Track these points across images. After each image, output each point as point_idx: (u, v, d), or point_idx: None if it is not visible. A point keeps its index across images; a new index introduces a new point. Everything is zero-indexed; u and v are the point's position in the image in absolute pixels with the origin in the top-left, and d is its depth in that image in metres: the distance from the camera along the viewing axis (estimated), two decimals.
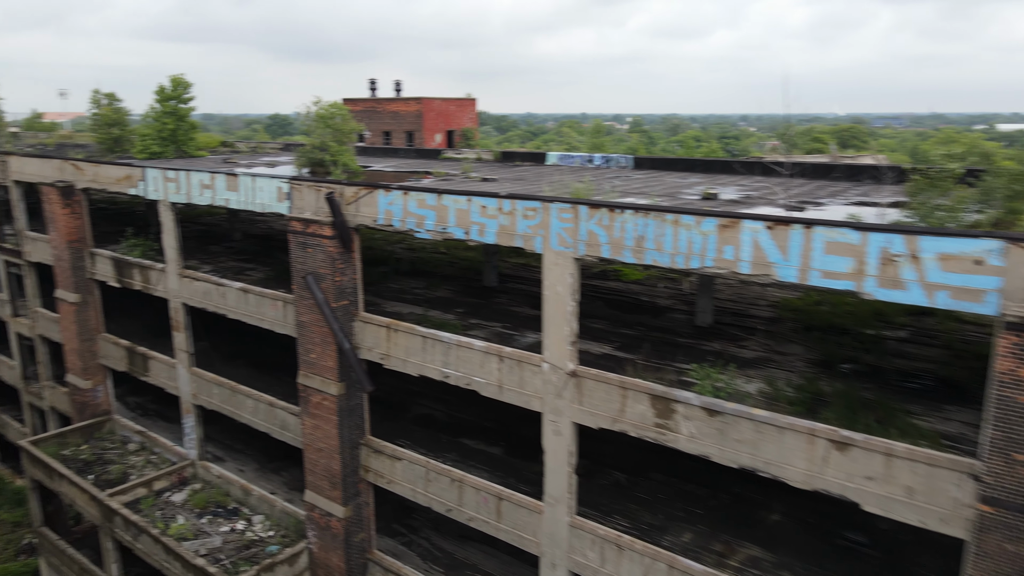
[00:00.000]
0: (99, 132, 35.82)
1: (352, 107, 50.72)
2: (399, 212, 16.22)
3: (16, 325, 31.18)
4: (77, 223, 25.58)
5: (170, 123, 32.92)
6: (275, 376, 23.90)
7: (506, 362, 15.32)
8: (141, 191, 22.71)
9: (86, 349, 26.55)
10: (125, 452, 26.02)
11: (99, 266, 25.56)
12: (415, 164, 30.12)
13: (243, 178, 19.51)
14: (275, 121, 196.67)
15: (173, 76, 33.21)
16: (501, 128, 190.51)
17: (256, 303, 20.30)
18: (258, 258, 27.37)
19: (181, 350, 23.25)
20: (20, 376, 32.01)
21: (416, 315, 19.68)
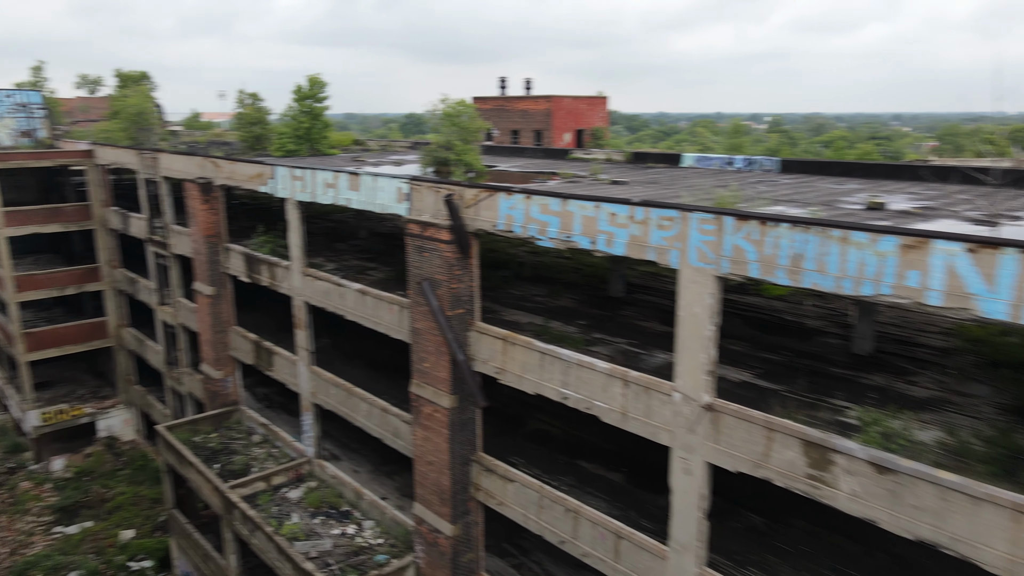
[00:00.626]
0: (242, 130, 37.30)
1: (481, 105, 50.52)
2: (520, 217, 15.03)
3: (162, 313, 32.93)
4: (214, 218, 26.40)
5: (305, 121, 33.64)
6: (392, 379, 23.50)
7: (631, 387, 13.75)
8: (271, 189, 22.94)
9: (218, 340, 27.43)
10: (249, 443, 26.62)
11: (232, 261, 26.26)
12: (542, 164, 28.97)
13: (364, 177, 19.05)
14: (410, 120, 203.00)
15: (311, 76, 33.94)
16: (632, 128, 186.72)
17: (373, 306, 19.84)
18: (381, 257, 27.20)
19: (302, 348, 23.33)
20: (164, 361, 33.84)
21: (536, 326, 18.47)
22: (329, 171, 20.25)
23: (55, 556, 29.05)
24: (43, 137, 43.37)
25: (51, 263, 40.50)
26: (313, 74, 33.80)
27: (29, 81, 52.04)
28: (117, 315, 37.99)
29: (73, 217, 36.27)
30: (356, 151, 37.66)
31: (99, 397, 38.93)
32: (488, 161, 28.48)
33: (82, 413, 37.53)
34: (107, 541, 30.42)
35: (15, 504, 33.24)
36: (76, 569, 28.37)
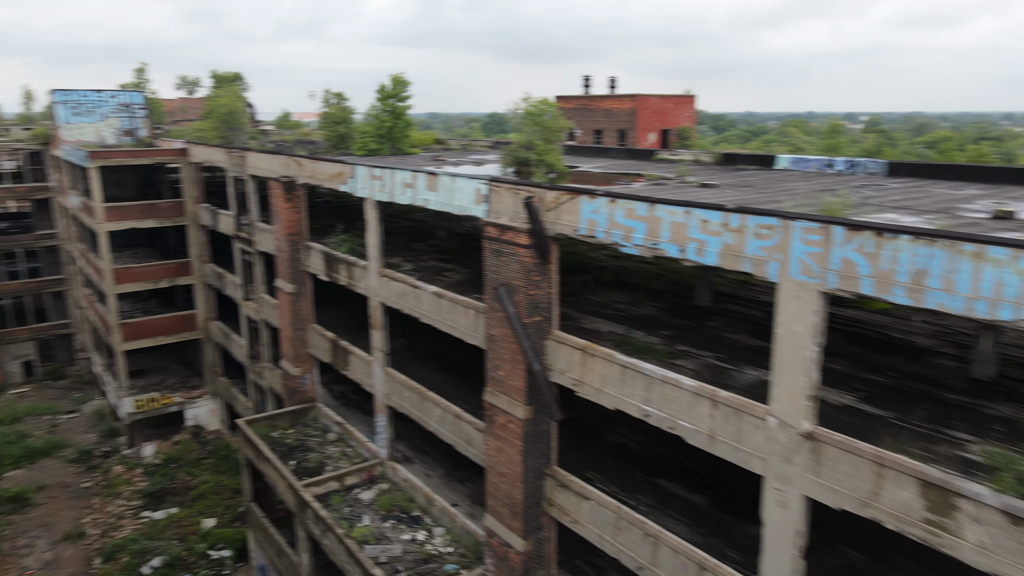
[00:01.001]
0: (327, 130, 37.78)
1: (564, 104, 49.68)
2: (604, 222, 14.17)
3: (246, 308, 33.69)
4: (296, 216, 26.64)
5: (387, 121, 33.71)
6: (466, 383, 23.03)
7: (720, 408, 12.68)
8: (350, 188, 22.85)
9: (297, 338, 27.70)
10: (324, 441, 26.74)
11: (312, 259, 26.43)
12: (625, 165, 27.93)
13: (442, 178, 18.59)
14: (492, 120, 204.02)
15: (394, 75, 33.98)
16: (718, 128, 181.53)
17: (448, 310, 19.38)
18: (459, 258, 26.80)
19: (377, 349, 23.15)
20: (247, 355, 34.63)
21: (616, 336, 17.55)
22: (407, 171, 19.92)
23: (142, 540, 30.10)
24: (143, 136, 45.35)
25: (147, 257, 42.29)
26: (396, 73, 33.84)
27: (132, 83, 54.66)
28: (205, 308, 39.23)
29: (168, 213, 37.65)
30: (437, 150, 37.54)
31: (188, 387, 40.32)
32: (570, 161, 27.66)
33: (171, 402, 38.94)
34: (190, 528, 31.32)
35: (108, 487, 34.73)
36: (160, 555, 29.28)
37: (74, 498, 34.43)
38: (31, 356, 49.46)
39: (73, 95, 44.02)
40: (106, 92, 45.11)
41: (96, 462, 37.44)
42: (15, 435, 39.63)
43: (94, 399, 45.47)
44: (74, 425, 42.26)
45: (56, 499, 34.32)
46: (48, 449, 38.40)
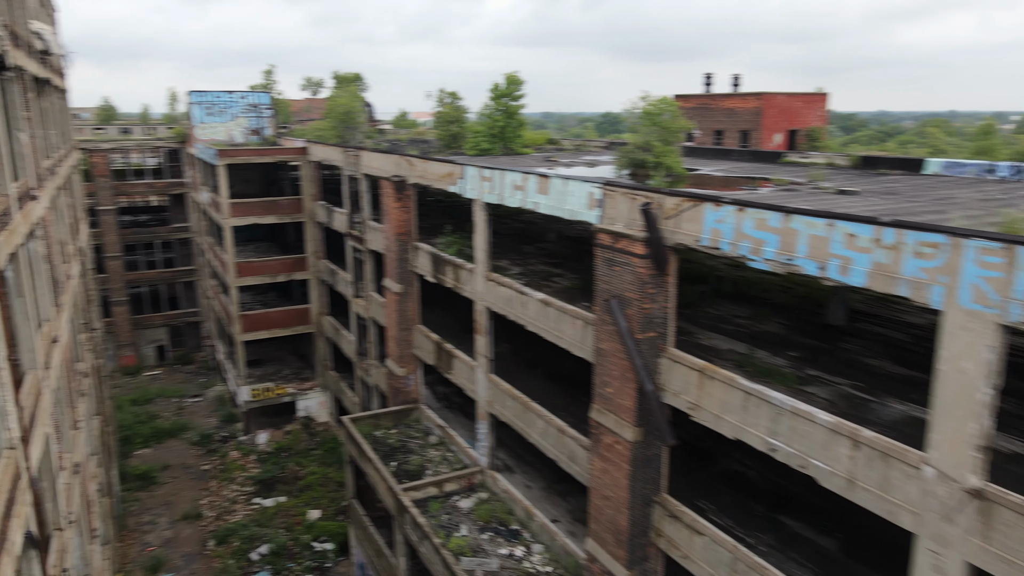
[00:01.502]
0: (440, 129, 37.78)
1: (683, 104, 47.60)
2: (730, 232, 12.79)
3: (355, 305, 34.18)
4: (406, 216, 26.54)
5: (500, 120, 33.20)
6: (571, 395, 22.05)
7: (863, 450, 11.05)
8: (459, 189, 22.38)
9: (403, 338, 27.64)
10: (426, 444, 26.51)
11: (420, 260, 26.24)
12: (750, 168, 26.01)
13: (554, 180, 17.68)
14: (606, 119, 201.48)
15: (508, 74, 33.42)
16: (847, 128, 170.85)
17: (556, 319, 18.45)
18: (568, 263, 25.83)
19: (481, 355, 22.57)
20: (355, 351, 35.16)
21: (737, 355, 16.04)
22: (518, 172, 19.15)
23: (251, 527, 31.08)
24: (268, 135, 47.25)
25: (267, 251, 43.95)
26: (510, 72, 33.29)
27: (261, 84, 57.28)
28: (319, 303, 40.27)
29: (287, 210, 38.89)
30: (549, 150, 36.73)
31: (300, 379, 41.57)
32: (689, 164, 26.07)
33: (285, 392, 40.24)
34: (296, 518, 32.08)
35: (224, 471, 36.25)
36: (268, 542, 30.11)
37: (194, 479, 36.17)
38: (164, 341, 52.82)
39: (207, 96, 46.46)
40: (236, 93, 47.34)
41: (215, 446, 39.23)
42: (146, 415, 42.24)
43: (216, 385, 47.87)
44: (198, 409, 44.60)
45: (178, 479, 36.17)
46: (174, 431, 40.65)
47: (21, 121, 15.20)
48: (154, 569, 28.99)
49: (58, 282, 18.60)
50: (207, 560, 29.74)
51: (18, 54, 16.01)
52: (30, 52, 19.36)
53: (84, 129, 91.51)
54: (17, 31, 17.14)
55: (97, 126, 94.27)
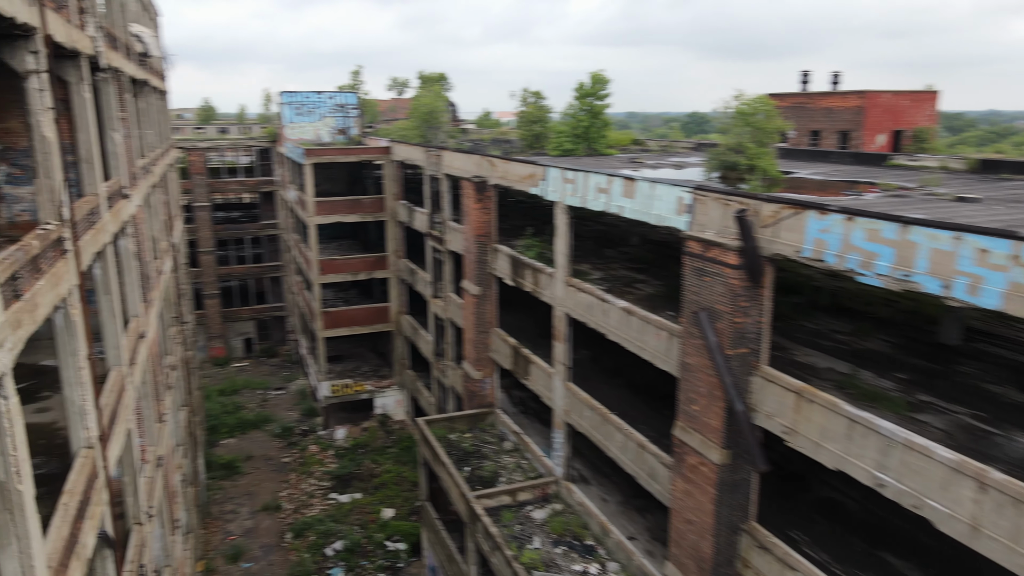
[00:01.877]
0: (523, 129, 37.28)
1: (778, 103, 45.33)
2: (836, 244, 11.65)
3: (434, 305, 34.12)
4: (486, 218, 26.14)
5: (584, 120, 32.41)
6: (653, 408, 21.09)
7: (991, 494, 9.76)
8: (541, 191, 21.76)
9: (480, 341, 27.27)
10: (500, 450, 26.04)
11: (499, 262, 25.79)
12: (851, 172, 24.30)
13: (640, 184, 16.80)
14: (692, 119, 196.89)
15: (593, 73, 32.58)
16: (953, 128, 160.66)
17: (639, 328, 17.56)
18: (652, 269, 24.80)
19: (559, 362, 21.88)
20: (432, 352, 35.12)
21: (837, 375, 14.77)
22: (602, 175, 18.35)
23: (327, 522, 31.46)
24: (354, 135, 48.01)
25: (350, 249, 44.64)
26: (596, 71, 32.43)
27: (349, 84, 58.40)
28: (398, 302, 40.53)
29: (369, 209, 39.30)
30: (634, 151, 35.66)
31: (378, 376, 42.00)
32: (783, 166, 24.57)
33: (363, 389, 40.72)
34: (370, 516, 32.28)
35: (303, 465, 36.94)
36: (343, 538, 30.38)
37: (274, 471, 37.02)
38: (251, 334, 54.59)
39: (297, 97, 47.61)
40: (325, 94, 48.31)
41: (295, 439, 40.09)
42: (233, 406, 43.63)
43: (299, 379, 49.04)
44: (280, 401, 45.77)
45: (259, 470, 37.11)
46: (257, 422, 41.80)
47: (115, 121, 15.53)
48: (234, 558, 29.71)
49: (148, 278, 19.08)
50: (284, 552, 30.26)
51: (114, 56, 16.40)
52: (128, 54, 19.93)
53: (185, 129, 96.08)
54: (115, 34, 17.60)
55: (197, 126, 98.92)
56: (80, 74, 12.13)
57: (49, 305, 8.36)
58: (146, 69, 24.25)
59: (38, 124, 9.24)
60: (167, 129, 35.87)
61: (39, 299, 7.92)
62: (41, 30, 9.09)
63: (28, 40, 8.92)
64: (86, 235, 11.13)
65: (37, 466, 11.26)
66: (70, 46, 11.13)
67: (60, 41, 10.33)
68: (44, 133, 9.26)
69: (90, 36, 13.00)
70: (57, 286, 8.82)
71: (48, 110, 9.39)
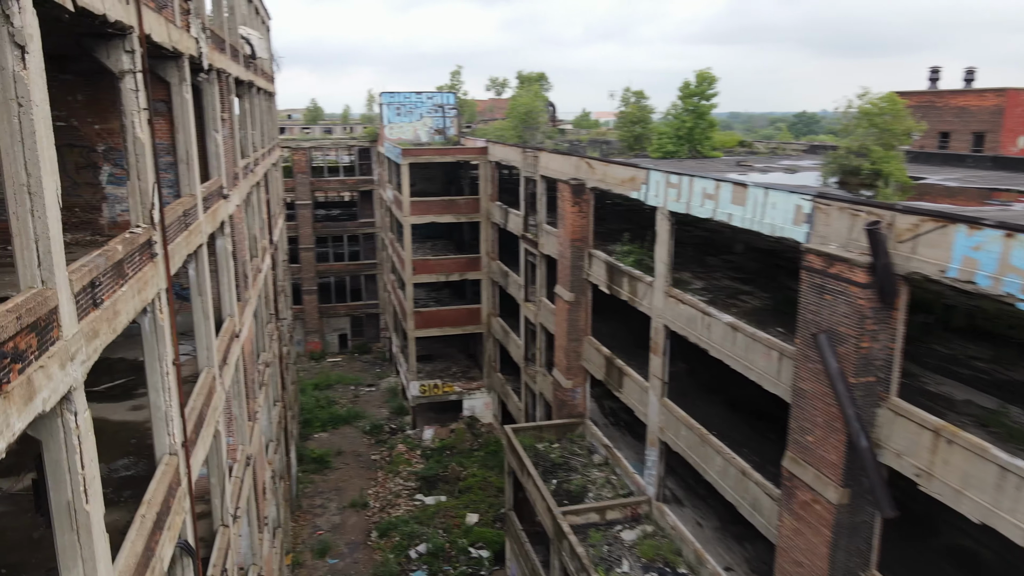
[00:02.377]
0: (622, 130, 36.10)
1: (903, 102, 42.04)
2: (991, 264, 10.07)
3: (525, 309, 33.47)
4: (582, 222, 25.22)
5: (688, 121, 30.95)
6: (756, 429, 19.62)
7: None
8: (642, 195, 20.65)
9: (572, 349, 26.37)
10: (589, 463, 25.07)
11: (594, 268, 24.80)
12: (992, 178, 21.89)
13: (752, 190, 15.46)
14: (800, 119, 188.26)
15: (699, 71, 31.07)
16: None
17: (745, 346, 16.21)
18: (758, 280, 23.18)
19: (655, 376, 20.71)
20: (522, 356, 34.49)
21: (979, 410, 13.02)
22: (709, 179, 17.09)
23: (412, 523, 31.38)
24: (452, 135, 48.10)
25: (444, 249, 44.71)
26: (702, 69, 30.89)
27: (448, 85, 58.70)
28: (489, 304, 40.16)
29: (464, 209, 39.10)
30: (740, 154, 33.82)
31: (467, 378, 41.79)
32: (910, 171, 22.40)
33: (451, 391, 40.60)
34: (455, 520, 31.98)
35: (391, 464, 37.15)
36: (426, 541, 30.20)
37: (363, 468, 37.41)
38: (346, 330, 55.80)
39: (397, 97, 48.16)
40: (424, 94, 48.65)
41: (384, 437, 40.44)
42: (326, 401, 44.57)
43: (390, 376, 49.63)
44: (371, 398, 46.41)
45: (349, 466, 37.60)
46: (348, 418, 42.48)
47: (218, 122, 15.61)
48: (322, 553, 30.07)
49: (245, 276, 19.29)
50: (369, 551, 30.38)
51: (220, 57, 16.53)
52: (235, 56, 20.23)
53: (293, 129, 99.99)
54: (222, 36, 17.81)
55: (304, 126, 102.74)
56: (181, 74, 12.10)
57: (133, 311, 8.12)
58: (252, 71, 24.74)
59: (132, 125, 9.08)
60: (273, 129, 36.88)
61: (121, 306, 7.67)
62: (137, 29, 8.91)
63: (123, 39, 8.75)
64: (180, 237, 11.03)
65: (125, 467, 11.27)
66: (170, 46, 11.05)
67: (159, 41, 10.22)
68: (137, 134, 9.09)
69: (193, 37, 13.01)
70: (143, 291, 8.60)
71: (143, 111, 9.23)
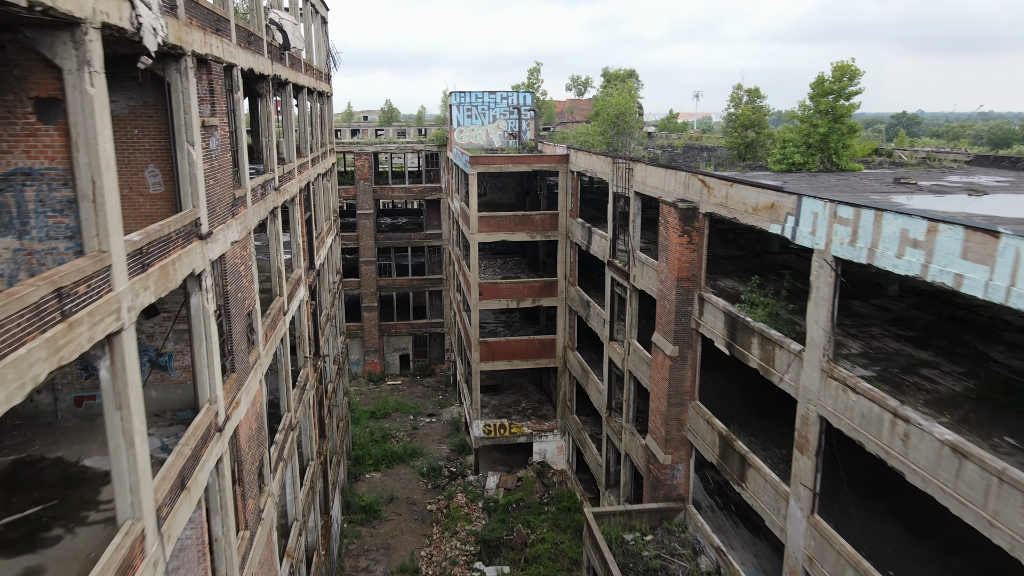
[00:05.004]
0: (732, 135, 30.17)
1: None
2: None
3: (610, 349, 27.97)
4: (692, 256, 19.58)
5: (821, 125, 24.87)
6: (950, 566, 13.66)
7: None
8: (787, 231, 14.92)
9: (672, 416, 20.75)
10: (694, 569, 19.40)
11: (707, 317, 19.12)
12: None
13: (1008, 240, 9.58)
14: (899, 121, 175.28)
15: (838, 63, 24.93)
16: None
17: (971, 480, 10.32)
18: (935, 340, 17.01)
19: (802, 484, 14.91)
20: (605, 404, 28.99)
21: None
22: (919, 218, 11.23)
23: None
24: (528, 140, 42.98)
25: (516, 268, 39.65)
26: (841, 61, 24.75)
27: (525, 83, 53.65)
28: (566, 335, 34.83)
29: (540, 227, 33.87)
30: (884, 166, 27.36)
31: (538, 416, 36.58)
32: None
33: (520, 432, 35.47)
34: None
35: (449, 519, 32.29)
36: None
37: (417, 520, 32.72)
38: (407, 350, 51.45)
39: (468, 98, 43.42)
40: (498, 94, 43.74)
41: (442, 482, 35.67)
42: (381, 434, 40.16)
43: (453, 405, 44.95)
44: (431, 431, 41.78)
45: (401, 516, 32.98)
46: (404, 456, 37.92)
47: (193, 129, 10.88)
48: None
49: (251, 333, 14.62)
50: None
51: (207, 38, 11.86)
52: (248, 43, 15.66)
53: (367, 131, 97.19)
54: (219, 12, 13.19)
55: (378, 127, 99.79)
56: (82, 54, 7.32)
57: None
58: (286, 65, 20.23)
59: None
60: (325, 134, 32.63)
61: None
62: None
63: None
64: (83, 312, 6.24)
65: None
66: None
67: None
68: None
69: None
70: None
71: None
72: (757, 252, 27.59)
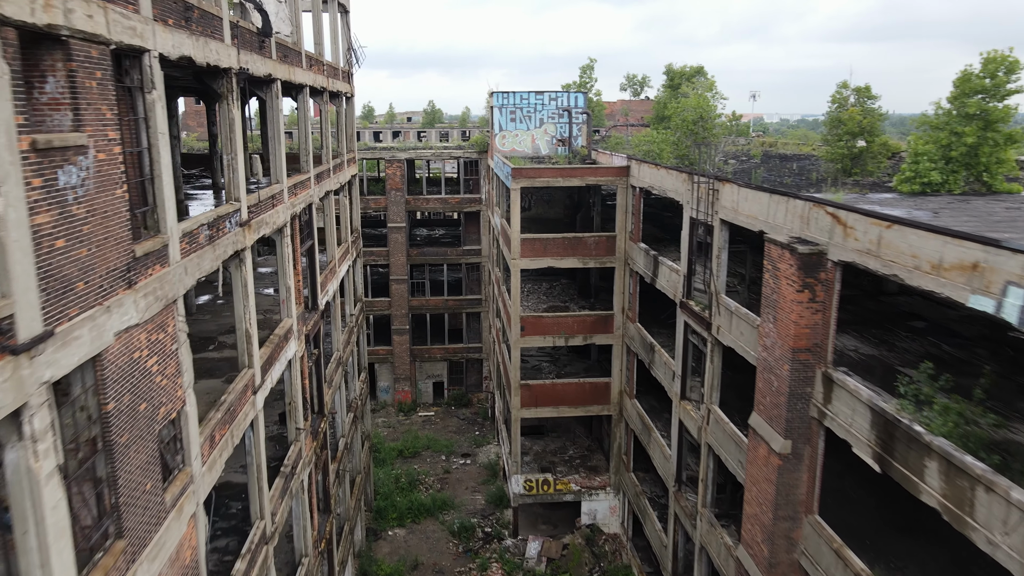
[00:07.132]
0: (834, 144, 24.46)
1: None
2: None
3: (681, 410, 22.59)
4: (814, 319, 14.14)
5: (969, 133, 19.11)
6: None
7: None
8: (1007, 311, 9.44)
9: (780, 532, 15.32)
10: None
11: (838, 407, 13.64)
12: None
13: None
14: None
15: (988, 54, 19.19)
16: None
17: None
18: None
19: None
20: (673, 474, 23.60)
21: None
22: None
23: None
24: (579, 146, 37.75)
25: (563, 293, 34.48)
26: (992, 52, 19.03)
27: (577, 82, 48.38)
28: (622, 379, 29.51)
29: (594, 251, 28.63)
30: None
31: (588, 468, 31.39)
32: None
33: (567, 489, 30.30)
34: None
35: None
36: None
37: None
38: (442, 377, 46.62)
39: (512, 99, 38.44)
40: (545, 94, 38.63)
41: (476, 544, 30.69)
42: (408, 479, 35.38)
43: (490, 443, 39.98)
44: (465, 475, 36.85)
45: None
46: (433, 508, 33.06)
47: None
48: None
49: (180, 450, 9.81)
50: None
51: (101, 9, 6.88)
52: (192, 26, 10.82)
53: (409, 133, 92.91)
54: None
55: (420, 129, 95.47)
56: None
57: None
58: (270, 56, 15.49)
59: None
60: (346, 140, 27.97)
61: None
62: None
63: None
64: None
65: None
66: None
67: None
68: None
69: None
70: None
71: None
72: (869, 293, 21.93)
